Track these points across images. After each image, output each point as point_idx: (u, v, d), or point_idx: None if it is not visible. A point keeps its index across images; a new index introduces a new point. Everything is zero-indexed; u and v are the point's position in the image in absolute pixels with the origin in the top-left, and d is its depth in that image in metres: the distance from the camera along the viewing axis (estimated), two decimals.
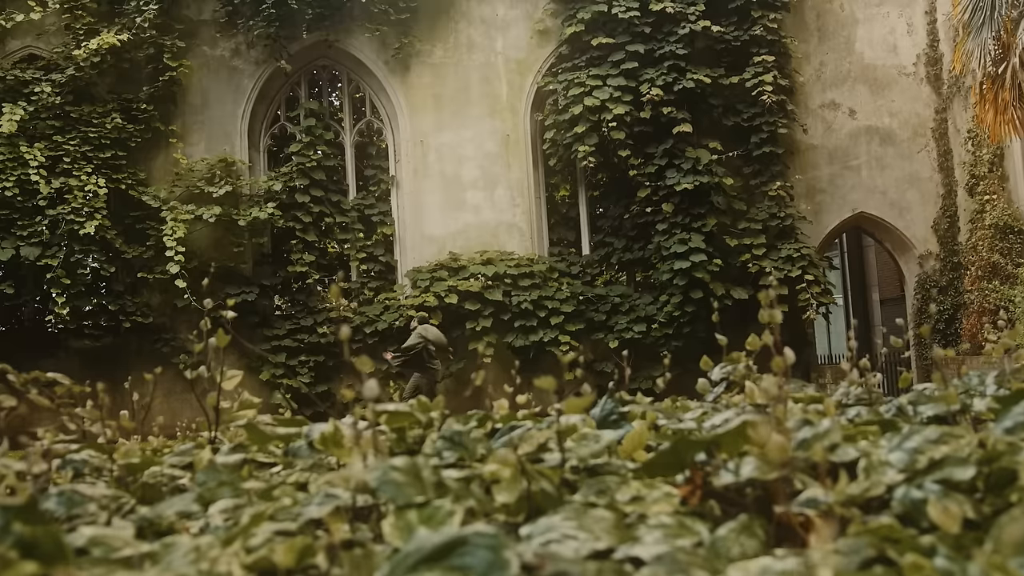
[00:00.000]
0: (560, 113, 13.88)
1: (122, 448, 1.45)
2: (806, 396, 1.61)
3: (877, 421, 1.40)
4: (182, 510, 1.06)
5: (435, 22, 14.19)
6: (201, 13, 13.74)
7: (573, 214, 15.17)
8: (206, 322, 1.84)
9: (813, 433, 1.15)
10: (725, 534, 0.96)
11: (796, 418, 1.20)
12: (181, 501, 1.08)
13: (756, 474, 1.07)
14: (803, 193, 14.65)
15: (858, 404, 1.74)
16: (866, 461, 1.11)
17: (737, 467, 1.10)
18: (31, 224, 12.34)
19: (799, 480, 1.11)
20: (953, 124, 14.94)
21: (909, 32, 15.35)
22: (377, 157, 14.81)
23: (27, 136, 12.54)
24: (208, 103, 13.76)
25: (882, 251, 19.93)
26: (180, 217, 12.69)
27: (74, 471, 1.39)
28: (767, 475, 1.06)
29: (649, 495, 1.08)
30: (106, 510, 1.07)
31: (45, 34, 13.24)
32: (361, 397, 1.08)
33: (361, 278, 14.09)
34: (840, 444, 1.14)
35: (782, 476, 1.07)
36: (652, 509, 1.05)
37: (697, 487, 1.17)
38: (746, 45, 14.00)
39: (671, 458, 1.20)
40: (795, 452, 1.11)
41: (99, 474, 1.40)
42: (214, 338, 1.72)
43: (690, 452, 1.19)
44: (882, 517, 1.01)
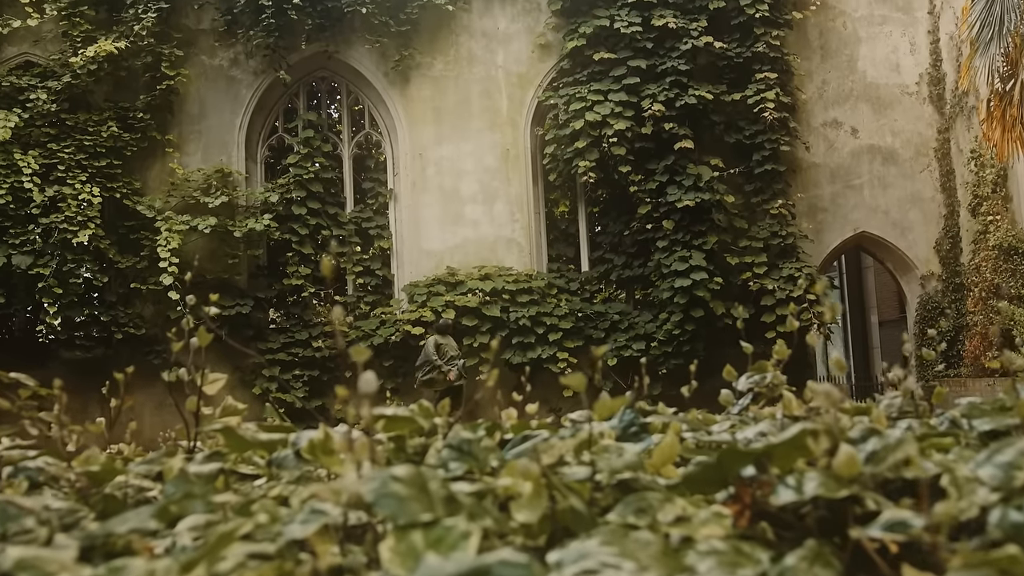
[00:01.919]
0: (561, 128, 13.75)
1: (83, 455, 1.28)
2: (851, 407, 1.45)
3: (945, 434, 1.24)
4: (137, 526, 0.89)
5: (436, 35, 14.09)
6: (200, 22, 13.63)
7: (572, 230, 15.03)
8: (188, 320, 1.67)
9: (883, 445, 0.99)
10: (794, 563, 0.80)
11: (861, 427, 1.04)
12: (136, 516, 0.90)
13: (822, 491, 0.90)
14: (804, 212, 14.53)
15: (905, 416, 1.57)
16: (949, 477, 0.94)
17: (799, 483, 0.93)
18: (24, 232, 12.17)
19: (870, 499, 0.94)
20: (956, 144, 14.84)
21: (912, 51, 15.27)
22: (375, 170, 14.67)
23: (21, 143, 12.38)
24: (205, 113, 13.62)
25: (881, 272, 19.83)
26: (175, 227, 12.52)
27: (28, 480, 1.22)
28: (836, 493, 0.90)
29: (696, 515, 0.92)
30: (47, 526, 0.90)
31: (42, 41, 13.12)
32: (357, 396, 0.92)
33: (357, 292, 13.91)
34: (915, 458, 0.97)
35: (852, 494, 0.90)
36: (701, 532, 0.88)
37: (745, 506, 1.00)
38: (748, 62, 13.91)
39: (714, 473, 1.03)
40: (863, 467, 0.95)
41: (56, 484, 1.23)
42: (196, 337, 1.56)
43: (736, 466, 1.03)
44: (972, 542, 0.85)
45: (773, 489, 0.97)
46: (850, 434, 1.03)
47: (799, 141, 14.42)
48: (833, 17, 15.14)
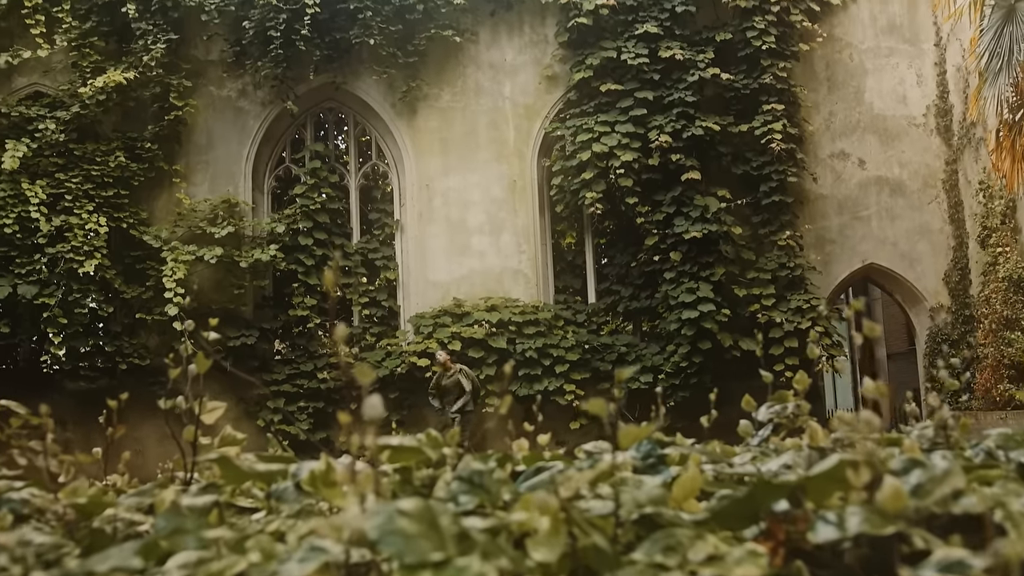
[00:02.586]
0: (567, 159, 13.74)
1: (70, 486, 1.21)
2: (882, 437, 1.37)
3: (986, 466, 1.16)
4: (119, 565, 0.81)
5: (443, 66, 14.13)
6: (209, 53, 13.69)
7: (579, 261, 14.97)
8: (187, 345, 1.60)
9: (928, 477, 0.91)
10: None
11: (902, 459, 0.96)
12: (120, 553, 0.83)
13: (867, 527, 0.83)
14: (812, 243, 14.47)
15: (937, 447, 1.50)
16: (1003, 513, 0.87)
17: (840, 518, 0.86)
18: (30, 262, 12.15)
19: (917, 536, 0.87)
20: (964, 175, 14.79)
21: (919, 83, 15.27)
22: (382, 201, 14.67)
23: (29, 173, 12.40)
24: (213, 143, 13.65)
25: (889, 304, 19.69)
26: (181, 258, 12.49)
27: (12, 513, 1.15)
28: (882, 529, 0.82)
29: (730, 554, 0.84)
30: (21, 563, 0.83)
31: (52, 71, 13.18)
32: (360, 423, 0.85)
33: (363, 323, 13.84)
34: (965, 491, 0.90)
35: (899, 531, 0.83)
36: (735, 572, 0.81)
37: (779, 543, 0.93)
38: (755, 93, 13.91)
39: (744, 507, 0.96)
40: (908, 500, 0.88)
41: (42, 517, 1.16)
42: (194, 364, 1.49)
43: (769, 500, 0.95)
44: None
45: (810, 525, 0.89)
46: (891, 466, 0.95)
47: (806, 172, 14.38)
48: (839, 49, 15.16)
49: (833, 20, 15.14)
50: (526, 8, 14.32)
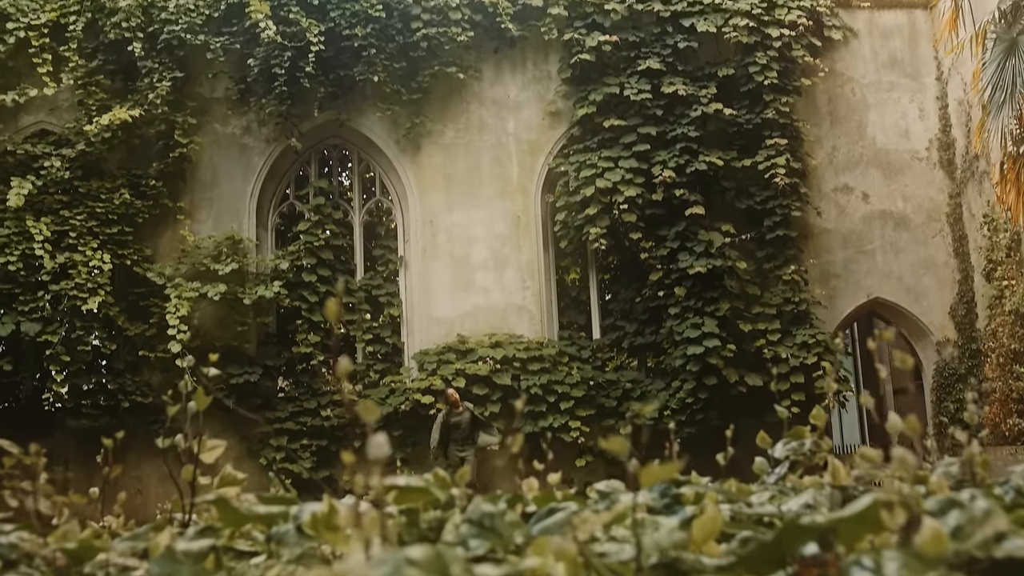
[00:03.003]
0: (571, 195, 13.75)
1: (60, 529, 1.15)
2: None
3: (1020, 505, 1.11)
4: None
5: (447, 103, 14.19)
6: (214, 91, 13.76)
7: (583, 297, 14.92)
8: (187, 382, 1.55)
9: (968, 518, 0.86)
10: None
11: (937, 498, 0.91)
12: None
13: (906, 573, 0.77)
14: (817, 278, 14.43)
15: (963, 485, 1.44)
16: None
17: (877, 564, 0.80)
18: (33, 299, 12.13)
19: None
20: (968, 209, 14.78)
21: (921, 117, 15.31)
22: (386, 237, 14.67)
23: (34, 210, 12.43)
24: (217, 180, 13.68)
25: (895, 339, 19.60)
26: (184, 295, 12.47)
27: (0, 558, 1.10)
28: (922, 575, 0.77)
29: None
30: None
31: (58, 109, 13.25)
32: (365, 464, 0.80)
33: (367, 360, 13.78)
34: (1008, 533, 0.84)
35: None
36: None
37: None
38: (758, 128, 13.94)
39: (771, 551, 0.90)
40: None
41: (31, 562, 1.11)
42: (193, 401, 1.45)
43: (797, 543, 0.90)
44: None
45: (843, 570, 0.84)
46: (926, 506, 0.90)
47: (810, 207, 14.38)
48: (841, 84, 15.22)
49: (834, 55, 15.22)
50: (529, 45, 14.40)
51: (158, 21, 13.01)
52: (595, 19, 14.09)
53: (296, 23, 13.00)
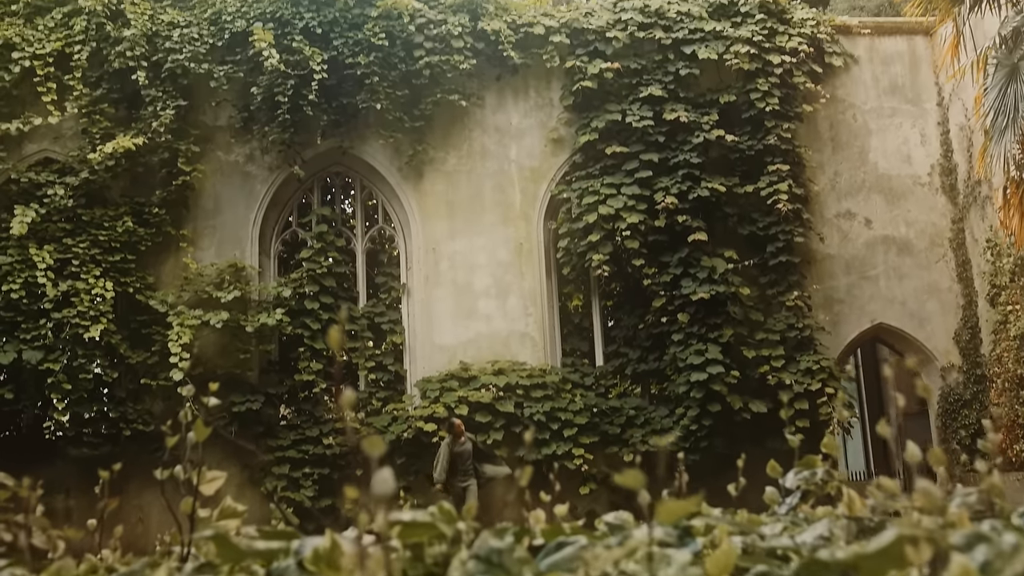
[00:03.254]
0: (574, 222, 13.75)
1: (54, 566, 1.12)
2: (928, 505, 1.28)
3: None
4: None
5: (449, 130, 14.22)
6: (217, 119, 13.81)
7: (586, 324, 14.88)
8: (186, 412, 1.52)
9: (995, 553, 0.83)
10: None
11: (963, 532, 0.88)
12: None
13: None
14: (821, 303, 14.39)
15: (983, 516, 1.40)
16: None
17: None
18: (35, 327, 12.11)
19: None
20: (971, 234, 14.76)
21: (922, 142, 15.34)
22: (388, 264, 14.65)
23: (37, 238, 12.43)
24: (220, 208, 13.70)
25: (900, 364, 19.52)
26: (187, 322, 12.44)
27: None
28: None
29: None
30: None
31: (62, 138, 13.29)
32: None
33: (369, 388, 13.72)
34: None
35: None
36: None
37: None
38: (760, 154, 13.96)
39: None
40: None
41: None
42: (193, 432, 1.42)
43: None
44: None
45: None
46: (951, 540, 0.87)
47: (813, 232, 14.37)
48: (843, 110, 15.26)
49: (835, 81, 15.27)
50: (531, 72, 14.46)
51: (162, 50, 13.07)
52: (597, 47, 14.16)
53: (299, 52, 13.06)
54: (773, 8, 14.66)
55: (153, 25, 13.14)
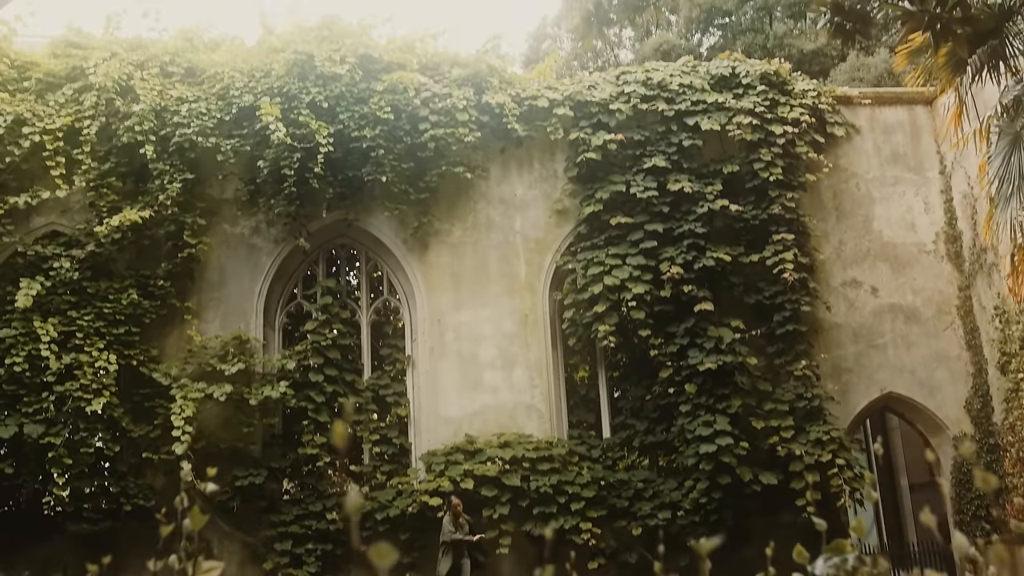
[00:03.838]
0: (579, 292, 13.73)
1: None
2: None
3: None
4: None
5: (454, 202, 14.29)
6: (223, 192, 13.89)
7: (593, 395, 14.73)
8: (182, 498, 1.45)
9: None
10: None
11: None
12: None
13: None
14: (829, 373, 14.28)
15: None
16: None
17: None
18: (37, 400, 12.04)
19: None
20: (978, 301, 14.70)
21: (926, 210, 15.38)
22: (393, 336, 14.58)
23: (42, 311, 12.42)
24: (225, 280, 13.70)
25: (908, 433, 19.28)
26: (190, 395, 12.35)
27: None
28: None
29: None
30: None
31: (69, 211, 13.37)
32: None
33: (374, 461, 13.54)
34: None
35: None
36: None
37: None
38: (765, 224, 14.00)
39: None
40: None
41: None
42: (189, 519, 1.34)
43: None
44: None
45: None
46: None
47: (819, 301, 14.33)
48: (846, 179, 15.34)
49: (838, 151, 15.39)
50: (535, 144, 14.58)
51: (171, 124, 13.21)
52: (600, 119, 14.30)
53: (305, 125, 13.19)
54: (774, 80, 14.84)
55: (162, 100, 13.30)
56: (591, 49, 30.73)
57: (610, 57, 33.29)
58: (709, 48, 29.76)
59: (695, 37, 30.82)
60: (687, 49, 27.67)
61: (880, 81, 23.48)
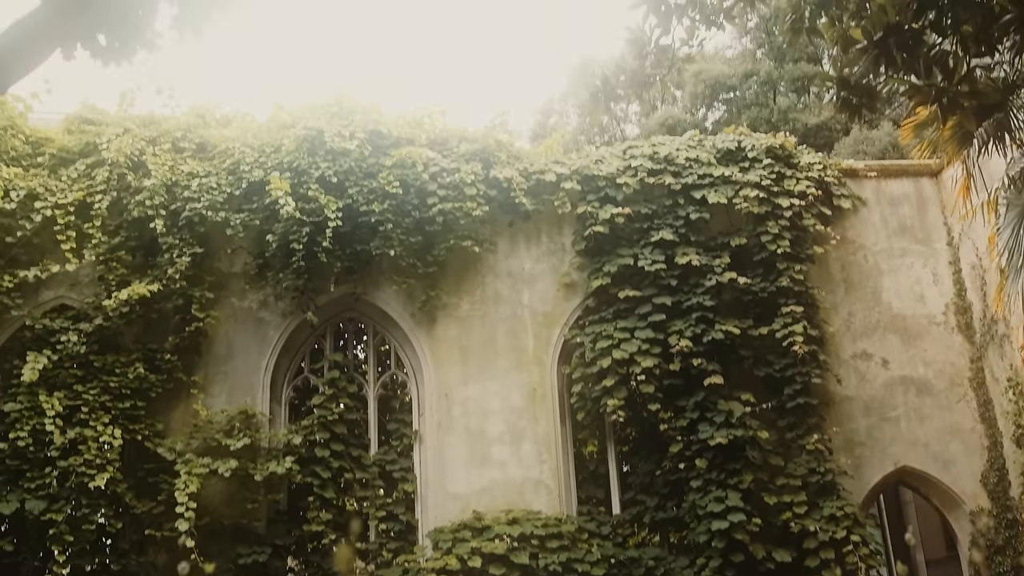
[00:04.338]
0: (587, 366, 13.65)
1: None
2: None
3: None
4: None
5: (462, 276, 14.31)
6: (232, 266, 13.93)
7: (602, 470, 14.52)
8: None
9: None
10: None
11: None
12: None
13: None
14: (841, 446, 14.11)
15: None
16: None
17: None
18: (40, 476, 11.90)
19: None
20: (990, 373, 14.58)
21: (935, 282, 15.37)
22: (400, 411, 14.46)
23: (47, 385, 12.37)
24: (233, 354, 13.65)
25: (924, 507, 18.96)
26: (195, 471, 12.20)
27: None
28: None
29: None
30: None
31: (78, 285, 13.39)
32: None
33: (380, 538, 13.31)
34: None
35: None
36: None
37: None
38: (773, 296, 13.97)
39: None
40: None
41: None
42: None
43: None
44: None
45: None
46: None
47: (830, 374, 14.24)
48: (853, 251, 15.36)
49: (845, 223, 15.44)
50: (543, 218, 14.65)
51: (181, 199, 13.30)
52: (607, 192, 14.39)
53: (315, 200, 13.28)
54: (780, 153, 14.96)
55: (173, 175, 13.41)
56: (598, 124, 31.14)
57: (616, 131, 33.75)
58: (714, 122, 30.13)
59: (700, 111, 31.24)
60: (692, 123, 28.02)
61: (884, 154, 23.68)
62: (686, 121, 28.67)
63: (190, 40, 7.17)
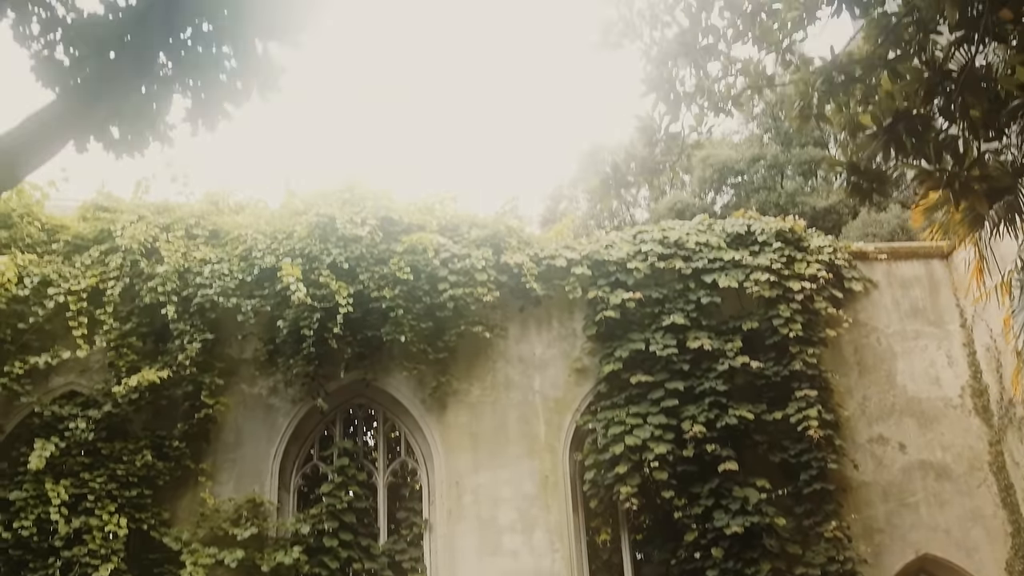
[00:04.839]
0: (600, 452, 13.47)
1: None
2: None
3: None
4: None
5: (473, 362, 14.24)
6: (243, 352, 13.90)
7: (616, 560, 14.20)
8: None
9: None
10: None
11: None
12: None
13: None
14: (860, 533, 13.78)
15: None
16: None
17: None
18: (44, 567, 11.72)
19: None
20: (1010, 456, 14.32)
21: (950, 364, 15.21)
22: (410, 499, 14.25)
23: (54, 472, 12.25)
24: (242, 441, 13.53)
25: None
26: (200, 561, 12.00)
27: None
28: None
29: None
30: None
31: (88, 371, 13.36)
32: None
33: None
34: None
35: None
36: None
37: None
38: (787, 380, 13.84)
39: None
40: None
41: None
42: None
43: None
44: None
45: None
46: None
47: (846, 459, 14.00)
48: (866, 334, 15.26)
49: (856, 306, 15.37)
50: (554, 304, 14.64)
51: (193, 285, 13.35)
52: (618, 277, 14.39)
53: (326, 286, 13.31)
54: (790, 237, 14.99)
55: (186, 261, 13.49)
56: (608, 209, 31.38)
57: (626, 216, 33.98)
58: (723, 206, 30.35)
59: (709, 196, 31.50)
60: (701, 208, 28.20)
61: (893, 236, 23.73)
62: (695, 205, 28.87)
63: (203, 133, 7.26)
